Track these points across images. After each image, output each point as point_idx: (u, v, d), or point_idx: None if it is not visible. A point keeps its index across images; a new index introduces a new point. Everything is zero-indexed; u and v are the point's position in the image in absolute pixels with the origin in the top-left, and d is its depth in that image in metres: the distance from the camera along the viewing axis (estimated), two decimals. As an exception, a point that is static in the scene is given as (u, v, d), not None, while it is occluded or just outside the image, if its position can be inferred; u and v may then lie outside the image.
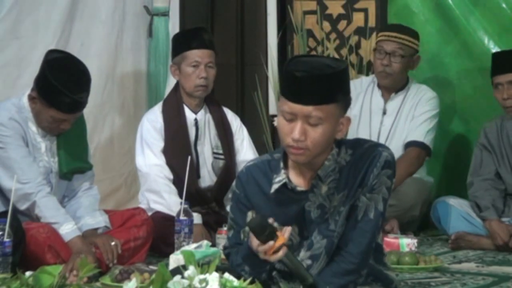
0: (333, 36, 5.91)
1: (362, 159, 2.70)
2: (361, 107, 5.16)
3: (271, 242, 2.57)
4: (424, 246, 4.60)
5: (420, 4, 5.62)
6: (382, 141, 5.05)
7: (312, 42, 5.98)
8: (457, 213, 4.66)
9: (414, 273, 3.84)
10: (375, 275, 2.80)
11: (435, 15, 5.57)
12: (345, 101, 2.70)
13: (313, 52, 5.97)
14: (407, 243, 4.18)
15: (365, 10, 5.87)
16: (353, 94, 5.06)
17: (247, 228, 2.69)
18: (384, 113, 5.12)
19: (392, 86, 5.12)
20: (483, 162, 4.73)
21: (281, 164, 2.74)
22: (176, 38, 4.83)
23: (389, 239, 4.25)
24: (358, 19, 5.87)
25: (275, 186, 2.73)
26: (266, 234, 2.57)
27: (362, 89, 5.20)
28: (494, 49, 5.20)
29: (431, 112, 5.07)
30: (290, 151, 2.66)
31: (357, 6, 5.89)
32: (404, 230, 4.74)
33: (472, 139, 5.03)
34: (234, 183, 2.87)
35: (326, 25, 5.94)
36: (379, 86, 5.16)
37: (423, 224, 5.06)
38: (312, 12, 5.97)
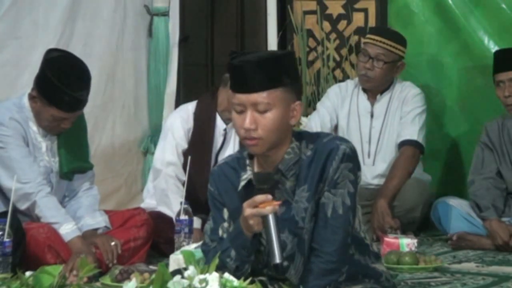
0: (333, 36, 5.91)
1: (321, 153, 2.69)
2: (348, 111, 5.14)
3: (269, 196, 2.59)
4: (424, 246, 4.60)
5: (420, 4, 5.62)
6: (373, 143, 5.06)
7: (312, 42, 5.98)
8: (458, 213, 4.66)
9: (414, 273, 3.84)
10: (363, 271, 2.79)
11: (435, 15, 5.57)
12: (294, 86, 2.69)
13: (313, 52, 5.97)
14: (407, 243, 4.17)
15: (365, 10, 5.87)
16: (338, 97, 5.18)
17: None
18: (372, 116, 5.11)
19: (376, 89, 5.09)
20: (484, 161, 4.73)
21: (247, 161, 2.76)
22: None
23: (389, 239, 4.25)
24: (358, 19, 5.87)
25: (242, 184, 2.74)
26: (270, 186, 2.60)
27: (348, 93, 5.16)
28: (494, 49, 5.19)
29: (418, 109, 5.04)
30: (246, 143, 2.68)
31: (357, 6, 5.89)
32: (405, 230, 4.74)
33: (473, 139, 5.02)
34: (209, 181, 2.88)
35: (326, 25, 5.94)
36: (364, 89, 5.13)
37: (423, 225, 5.06)
38: (312, 12, 5.97)
